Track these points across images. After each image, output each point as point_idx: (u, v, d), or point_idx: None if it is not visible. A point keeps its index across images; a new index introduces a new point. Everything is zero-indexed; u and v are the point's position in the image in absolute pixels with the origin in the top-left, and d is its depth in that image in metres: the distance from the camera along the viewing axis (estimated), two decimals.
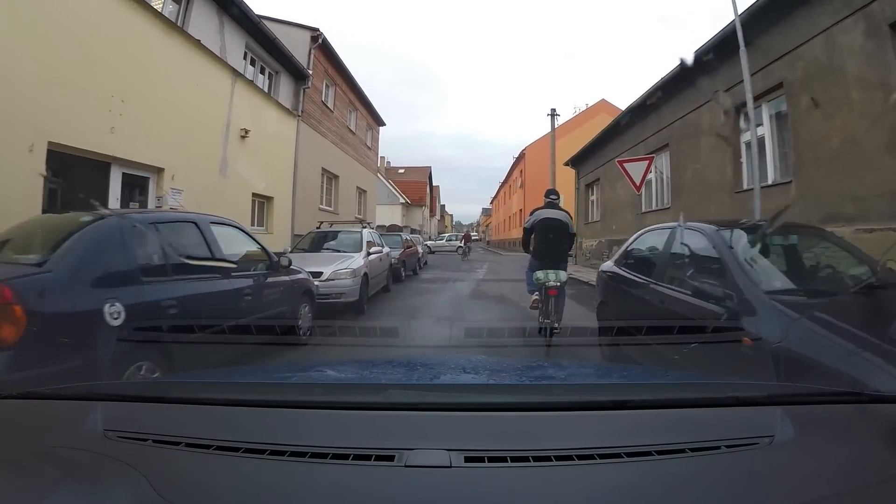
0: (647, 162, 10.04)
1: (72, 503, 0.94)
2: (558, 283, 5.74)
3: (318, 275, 7.02)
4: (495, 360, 2.61)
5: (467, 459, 1.01)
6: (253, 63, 11.48)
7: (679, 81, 10.57)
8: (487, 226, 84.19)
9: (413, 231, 42.31)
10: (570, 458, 1.03)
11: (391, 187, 47.79)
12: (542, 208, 6.51)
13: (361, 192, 21.87)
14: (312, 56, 14.27)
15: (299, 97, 13.72)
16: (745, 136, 8.55)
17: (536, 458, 1.03)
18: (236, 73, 9.93)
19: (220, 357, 3.39)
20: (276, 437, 1.10)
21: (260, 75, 11.86)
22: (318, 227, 10.25)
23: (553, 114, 24.90)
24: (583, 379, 1.92)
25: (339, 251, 8.62)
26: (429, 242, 37.48)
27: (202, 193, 8.70)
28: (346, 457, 1.02)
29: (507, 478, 1.01)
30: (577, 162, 22.42)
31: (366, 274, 8.05)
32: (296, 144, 13.29)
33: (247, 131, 10.31)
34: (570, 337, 5.81)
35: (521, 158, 42.99)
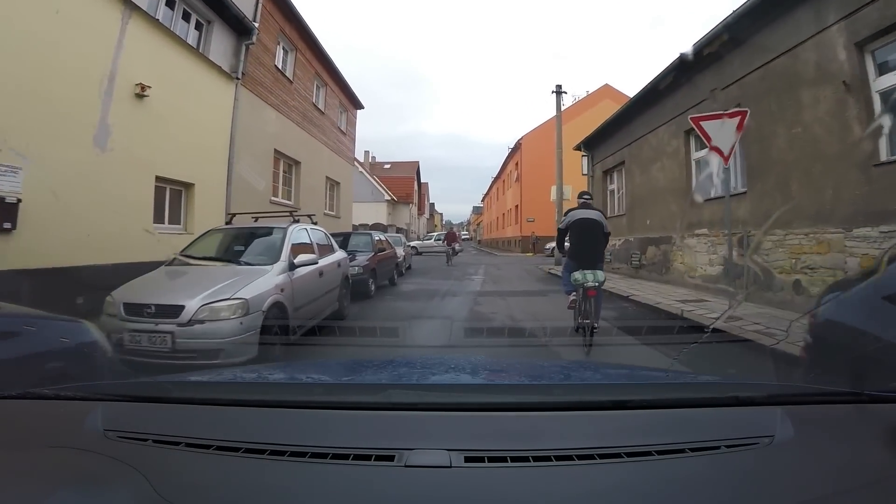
0: (740, 118, 7.17)
1: (72, 503, 0.94)
2: (597, 284, 5.99)
3: (171, 313, 4.46)
4: (495, 360, 2.61)
5: (467, 459, 1.01)
6: (171, 4, 9.49)
7: (764, 11, 8.03)
8: (478, 224, 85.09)
9: (399, 230, 38.51)
10: (570, 458, 1.03)
11: (376, 183, 47.40)
12: (576, 209, 6.83)
13: (333, 183, 20.03)
14: (261, 6, 12.33)
15: (240, 56, 11.62)
16: None
17: (536, 458, 1.02)
18: (130, 5, 7.88)
19: None
20: (276, 437, 1.10)
21: (183, 22, 9.90)
22: (228, 222, 7.90)
23: (559, 91, 22.88)
24: (583, 379, 1.92)
25: (242, 263, 5.81)
26: (415, 243, 36.82)
27: (64, 173, 6.57)
28: (346, 457, 1.03)
29: (507, 478, 1.00)
30: (590, 145, 19.77)
31: (278, 305, 5.23)
32: (233, 116, 11.31)
33: (145, 88, 8.06)
34: (612, 336, 6.18)
35: (517, 149, 41.36)
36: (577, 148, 19.06)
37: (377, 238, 11.84)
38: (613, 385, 1.69)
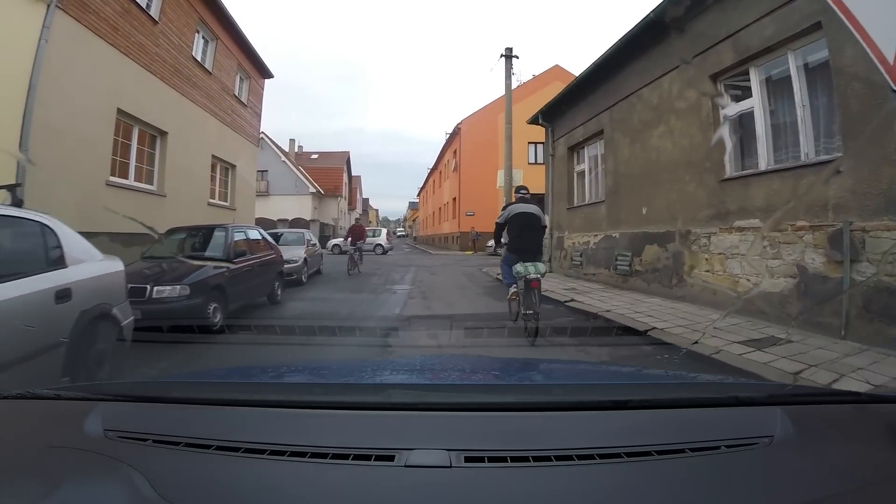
0: None
1: (72, 503, 1.01)
2: (539, 276, 6.77)
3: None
4: (495, 360, 2.61)
5: (467, 459, 1.08)
6: None
7: None
8: (414, 220, 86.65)
9: (324, 226, 35.02)
10: (570, 458, 1.09)
11: (300, 175, 44.58)
12: (514, 203, 7.59)
13: (225, 166, 16.69)
14: None
15: None
16: None
17: (536, 458, 1.09)
18: None
19: None
20: (276, 437, 1.17)
21: None
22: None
23: (509, 55, 16.12)
24: (583, 379, 1.99)
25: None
26: (339, 241, 33.57)
27: None
28: (346, 457, 1.09)
29: (507, 478, 1.06)
30: (551, 115, 15.87)
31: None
32: (38, 52, 8.39)
33: None
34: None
35: (455, 135, 39.82)
36: (534, 120, 16.77)
37: (236, 237, 9.03)
38: (613, 385, 1.75)
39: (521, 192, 7.69)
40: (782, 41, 6.84)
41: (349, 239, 17.74)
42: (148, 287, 6.54)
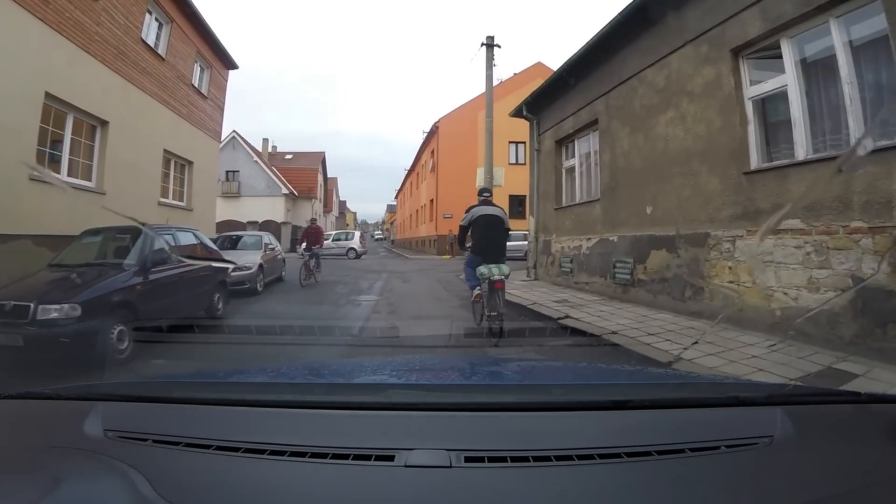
0: None
1: (71, 503, 1.02)
2: (503, 277, 6.95)
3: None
4: (495, 360, 2.79)
5: (467, 459, 1.10)
6: None
7: None
8: (392, 223, 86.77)
9: (295, 229, 33.76)
10: (570, 458, 1.11)
11: (273, 175, 43.57)
12: (477, 205, 7.67)
13: (181, 163, 15.25)
14: None
15: None
16: None
17: (536, 458, 1.11)
18: None
19: None
20: (276, 437, 1.19)
21: None
22: None
23: (490, 44, 15.98)
24: (583, 379, 2.00)
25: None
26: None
27: None
28: (346, 457, 1.11)
29: (507, 478, 1.08)
30: (536, 107, 14.43)
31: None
32: None
33: None
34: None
35: (433, 134, 39.18)
36: (517, 112, 15.65)
37: (158, 241, 7.30)
38: (613, 385, 1.77)
39: (485, 194, 8.09)
40: (823, 6, 5.91)
41: (303, 244, 15.32)
42: (32, 305, 5.16)
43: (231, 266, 10.27)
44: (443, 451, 1.09)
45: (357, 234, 36.02)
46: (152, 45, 13.48)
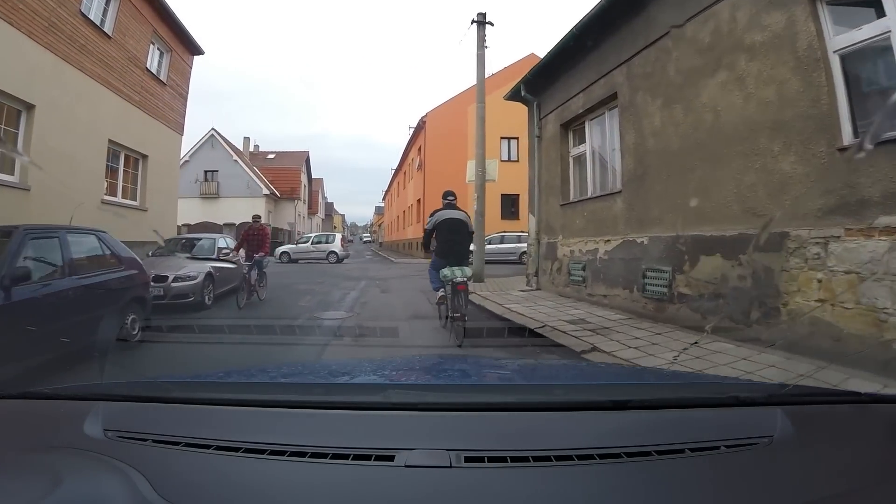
0: None
1: (71, 503, 1.03)
2: (465, 279, 7.28)
3: None
4: (495, 360, 2.71)
5: (467, 459, 1.11)
6: None
7: None
8: (380, 225, 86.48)
9: (279, 231, 33.07)
10: (570, 458, 1.11)
11: (252, 175, 42.66)
12: (441, 210, 7.96)
13: (133, 156, 13.34)
14: None
15: None
16: None
17: (536, 458, 1.11)
18: None
19: None
20: (276, 437, 1.21)
21: None
22: None
23: (482, 20, 17.09)
24: (583, 379, 2.01)
25: None
26: (287, 248, 31.97)
27: None
28: (346, 457, 1.12)
29: (507, 478, 1.08)
30: (537, 85, 12.36)
31: None
32: None
33: None
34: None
35: (419, 130, 37.23)
36: (514, 94, 14.12)
37: (24, 249, 5.47)
38: (613, 385, 1.79)
39: (449, 198, 8.35)
40: None
41: (241, 250, 12.08)
42: None
43: (151, 277, 8.22)
44: (443, 451, 1.11)
45: (338, 236, 33.98)
46: (97, 21, 12.31)
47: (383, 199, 73.35)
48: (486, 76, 22.71)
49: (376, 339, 7.42)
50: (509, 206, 31.26)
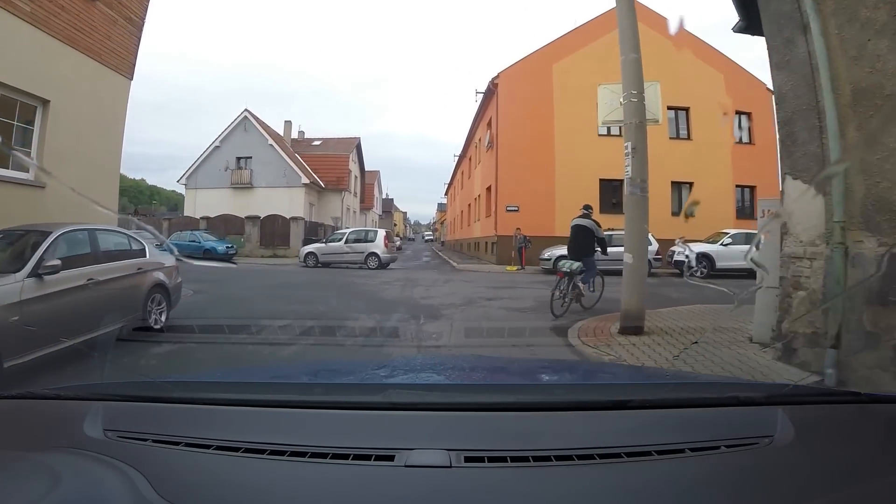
0: None
1: (71, 503, 1.05)
2: (568, 270, 9.82)
3: None
4: (495, 360, 2.79)
5: (467, 459, 1.13)
6: None
7: None
8: (442, 223, 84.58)
9: (318, 227, 28.62)
10: (570, 458, 1.14)
11: (290, 163, 37.14)
12: (577, 217, 11.37)
13: (16, 102, 9.09)
14: None
15: None
16: None
17: (536, 458, 1.14)
18: None
19: None
20: (276, 437, 1.23)
21: None
22: None
23: None
24: (583, 379, 2.05)
25: None
26: (314, 247, 25.01)
27: None
28: (346, 457, 1.14)
29: (507, 478, 1.11)
30: None
31: None
32: None
33: None
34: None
35: (489, 97, 28.41)
36: None
37: None
38: (613, 385, 1.82)
39: (585, 210, 10.88)
40: None
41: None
42: None
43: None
44: (443, 451, 1.13)
45: (381, 233, 25.42)
46: None
47: (445, 193, 66.66)
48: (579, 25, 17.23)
49: None
50: (610, 194, 23.03)
